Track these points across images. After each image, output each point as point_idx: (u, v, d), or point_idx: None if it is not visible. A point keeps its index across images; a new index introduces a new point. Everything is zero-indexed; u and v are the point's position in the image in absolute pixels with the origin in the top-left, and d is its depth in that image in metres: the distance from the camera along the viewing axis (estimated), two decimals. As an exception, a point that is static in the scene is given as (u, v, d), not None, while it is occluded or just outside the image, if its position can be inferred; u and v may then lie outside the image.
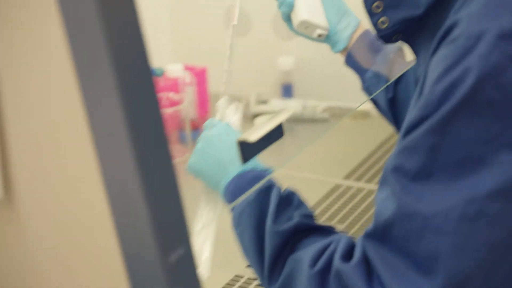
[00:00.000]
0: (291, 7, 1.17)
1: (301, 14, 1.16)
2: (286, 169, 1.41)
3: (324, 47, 1.69)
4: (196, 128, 1.59)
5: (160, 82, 1.58)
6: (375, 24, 0.84)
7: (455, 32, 0.70)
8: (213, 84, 1.81)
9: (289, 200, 0.86)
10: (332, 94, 1.71)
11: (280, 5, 1.19)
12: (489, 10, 0.69)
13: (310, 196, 1.35)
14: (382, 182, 0.74)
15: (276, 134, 0.80)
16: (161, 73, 1.59)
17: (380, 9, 0.83)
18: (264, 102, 1.69)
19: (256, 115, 1.66)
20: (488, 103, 0.67)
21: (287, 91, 1.73)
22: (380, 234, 0.72)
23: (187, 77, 1.57)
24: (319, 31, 1.18)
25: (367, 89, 1.18)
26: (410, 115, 0.71)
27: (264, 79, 1.78)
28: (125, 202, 0.54)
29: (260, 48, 1.78)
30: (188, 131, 1.49)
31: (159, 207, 0.56)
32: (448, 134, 0.68)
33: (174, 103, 1.49)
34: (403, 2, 0.81)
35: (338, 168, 1.46)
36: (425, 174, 0.69)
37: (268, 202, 0.85)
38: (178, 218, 0.58)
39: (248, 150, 0.77)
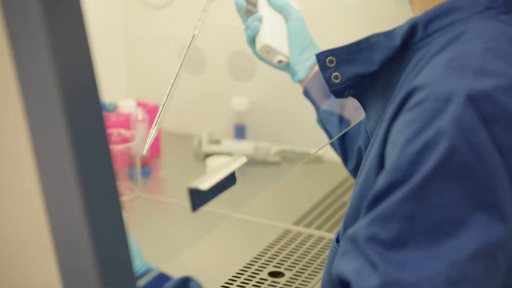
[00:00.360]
0: (256, 31, 1.22)
1: (264, 38, 1.22)
2: (236, 213, 1.40)
3: (278, 90, 1.69)
4: (147, 166, 1.56)
5: (112, 118, 1.56)
6: (328, 79, 0.84)
7: (419, 96, 0.69)
8: (166, 122, 1.80)
9: None
10: (284, 137, 1.70)
11: (246, 29, 1.24)
12: (452, 73, 0.70)
13: (260, 241, 1.33)
14: (348, 251, 0.71)
15: (228, 181, 0.79)
16: (113, 109, 1.56)
17: (333, 64, 0.84)
18: (216, 142, 1.68)
19: (208, 155, 1.64)
20: (463, 165, 0.67)
21: (240, 132, 1.73)
22: None
23: (140, 114, 1.55)
24: (279, 57, 1.22)
25: (320, 121, 1.21)
26: (378, 181, 0.70)
27: (217, 119, 1.77)
28: (70, 240, 0.52)
29: (214, 88, 1.77)
30: (138, 169, 1.47)
31: (104, 246, 0.54)
32: (424, 199, 0.67)
33: (125, 140, 1.47)
34: (357, 58, 0.81)
35: (288, 213, 1.45)
36: (402, 242, 0.67)
37: None
38: (124, 257, 0.56)
39: (199, 197, 0.75)
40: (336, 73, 0.84)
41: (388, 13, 1.45)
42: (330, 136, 1.19)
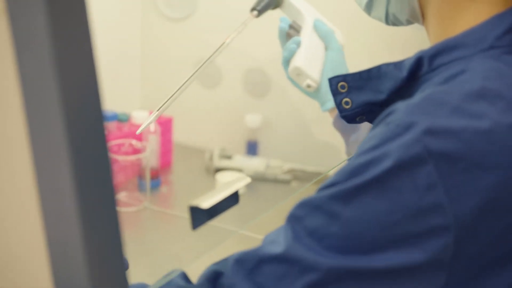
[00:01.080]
0: (292, 53, 1.27)
1: (296, 60, 1.25)
2: (242, 230, 1.39)
3: (292, 109, 1.69)
4: (157, 177, 1.57)
5: (124, 128, 1.56)
6: (338, 104, 0.85)
7: (392, 117, 0.71)
8: (178, 135, 1.80)
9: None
10: (296, 156, 1.70)
11: (284, 50, 1.28)
12: (426, 104, 0.70)
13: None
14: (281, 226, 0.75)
15: (231, 201, 0.79)
16: (126, 119, 1.57)
17: (344, 90, 0.85)
18: (228, 157, 1.68)
19: (218, 170, 1.64)
20: (397, 190, 0.67)
21: (252, 148, 1.73)
22: (253, 264, 0.72)
23: (152, 126, 1.56)
24: (308, 81, 1.25)
25: (349, 153, 1.21)
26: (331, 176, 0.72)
27: (230, 134, 1.78)
28: (65, 253, 0.52)
29: (229, 103, 1.77)
30: (147, 180, 1.47)
31: (99, 260, 0.54)
32: (349, 205, 0.68)
33: (136, 151, 1.47)
34: (367, 85, 0.82)
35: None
36: (319, 235, 0.69)
37: None
38: (119, 274, 0.56)
39: (200, 216, 0.75)
40: (346, 99, 0.85)
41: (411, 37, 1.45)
42: None
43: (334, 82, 0.85)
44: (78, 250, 0.52)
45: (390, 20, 0.89)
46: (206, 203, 0.74)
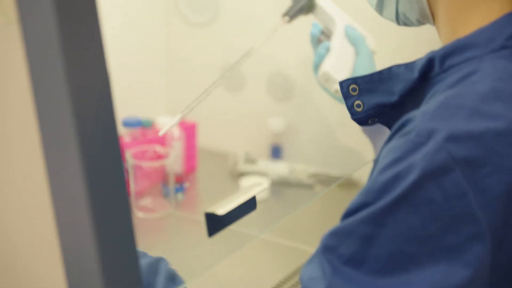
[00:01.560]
0: (321, 58, 1.27)
1: (325, 66, 1.25)
2: (264, 234, 1.39)
3: (315, 113, 1.69)
4: (181, 183, 1.57)
5: (148, 134, 1.57)
6: (350, 107, 0.84)
7: (409, 127, 0.69)
8: (203, 139, 1.81)
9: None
10: (320, 160, 1.70)
11: (315, 56, 1.29)
12: (443, 110, 0.69)
13: (287, 265, 1.32)
14: (312, 257, 0.73)
15: (248, 207, 0.78)
16: (150, 124, 1.58)
17: (356, 92, 0.84)
18: (252, 161, 1.68)
19: (242, 174, 1.64)
20: (428, 201, 0.66)
21: (276, 152, 1.73)
22: None
23: (176, 131, 1.56)
24: (337, 87, 1.24)
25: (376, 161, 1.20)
26: (354, 198, 0.71)
27: (254, 138, 1.78)
28: (79, 258, 0.53)
29: (253, 108, 1.77)
30: (171, 186, 1.48)
31: (113, 269, 0.54)
32: (383, 226, 0.67)
33: (160, 157, 1.48)
34: (378, 87, 0.82)
35: (317, 237, 1.44)
36: (357, 261, 0.68)
37: None
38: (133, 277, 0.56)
39: (216, 222, 0.75)
40: (358, 102, 0.84)
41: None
42: None
43: (344, 85, 0.84)
44: (91, 258, 0.52)
45: (401, 20, 0.88)
46: (222, 209, 0.74)
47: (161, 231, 1.44)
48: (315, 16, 1.33)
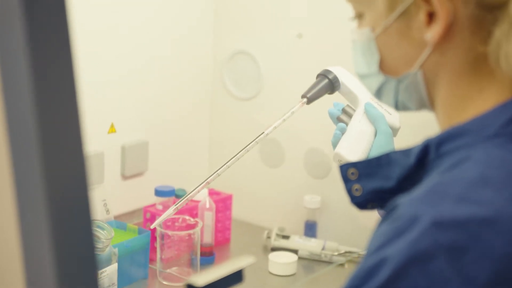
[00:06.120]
0: (337, 139, 1.27)
1: (338, 147, 1.25)
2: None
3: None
4: (211, 254, 1.58)
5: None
6: (349, 191, 0.84)
7: (397, 212, 0.69)
8: (239, 211, 1.82)
9: None
10: (353, 239, 1.69)
11: (333, 135, 1.28)
12: (430, 196, 0.68)
13: None
14: None
15: (233, 279, 0.79)
16: (182, 195, 1.60)
17: (355, 177, 0.84)
18: (285, 237, 1.69)
19: (274, 249, 1.65)
20: None
21: (310, 229, 1.72)
22: None
23: (208, 202, 1.59)
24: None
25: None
26: (345, 281, 0.70)
27: (289, 213, 1.78)
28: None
29: (289, 183, 1.78)
30: (198, 256, 1.49)
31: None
32: None
33: (189, 226, 1.50)
34: (377, 172, 0.82)
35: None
36: None
37: None
38: None
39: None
40: (357, 186, 0.84)
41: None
42: None
43: (344, 169, 0.85)
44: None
45: (400, 107, 0.89)
46: (201, 280, 0.74)
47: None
48: (341, 94, 1.33)
